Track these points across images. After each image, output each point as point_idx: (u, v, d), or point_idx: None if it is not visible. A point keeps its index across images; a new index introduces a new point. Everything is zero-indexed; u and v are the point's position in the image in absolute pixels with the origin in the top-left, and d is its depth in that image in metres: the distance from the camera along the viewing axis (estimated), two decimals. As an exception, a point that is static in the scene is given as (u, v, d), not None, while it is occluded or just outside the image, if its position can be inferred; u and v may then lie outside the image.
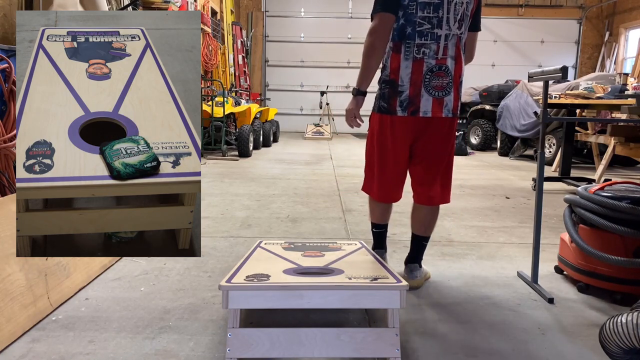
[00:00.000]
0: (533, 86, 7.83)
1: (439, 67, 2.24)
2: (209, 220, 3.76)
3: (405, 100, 2.27)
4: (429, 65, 2.24)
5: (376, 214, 2.61)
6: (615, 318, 1.67)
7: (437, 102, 2.26)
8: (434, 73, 2.24)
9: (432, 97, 2.26)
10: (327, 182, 5.63)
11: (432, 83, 2.24)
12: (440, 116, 2.28)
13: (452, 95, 2.29)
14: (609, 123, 5.62)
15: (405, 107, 2.27)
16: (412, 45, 2.23)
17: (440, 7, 2.20)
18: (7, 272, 1.93)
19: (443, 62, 2.25)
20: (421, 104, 2.26)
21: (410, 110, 2.27)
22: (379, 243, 2.64)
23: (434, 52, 2.23)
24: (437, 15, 2.20)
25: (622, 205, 2.33)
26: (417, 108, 2.27)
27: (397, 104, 2.28)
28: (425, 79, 2.24)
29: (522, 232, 3.64)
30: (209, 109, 7.62)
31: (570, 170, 5.74)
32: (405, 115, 2.28)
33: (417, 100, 2.26)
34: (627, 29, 12.86)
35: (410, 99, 2.26)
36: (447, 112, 2.29)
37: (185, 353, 1.82)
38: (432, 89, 2.25)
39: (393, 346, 1.74)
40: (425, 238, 2.56)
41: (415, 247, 2.56)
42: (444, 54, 2.24)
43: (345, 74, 13.64)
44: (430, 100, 2.26)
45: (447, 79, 2.26)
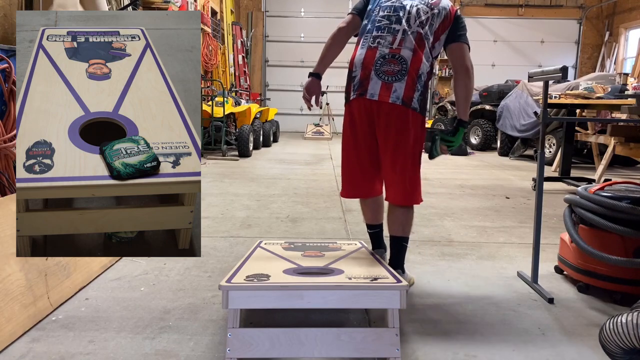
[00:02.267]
0: (533, 86, 7.83)
1: (392, 55, 2.27)
2: (209, 220, 3.76)
3: (357, 83, 2.31)
4: (382, 53, 2.28)
5: (367, 214, 2.60)
6: (615, 318, 1.67)
7: (386, 87, 2.24)
8: (386, 60, 2.27)
9: (381, 81, 2.25)
10: (327, 182, 5.63)
11: (382, 68, 2.26)
12: (387, 101, 2.24)
13: (403, 83, 2.24)
14: (609, 123, 5.62)
15: (355, 89, 2.31)
16: (369, 37, 2.33)
17: (401, 9, 2.33)
18: (7, 272, 1.93)
19: (397, 51, 2.27)
20: (369, 86, 2.26)
21: (359, 92, 2.29)
22: (377, 243, 2.63)
23: (389, 42, 2.28)
24: (397, 14, 2.32)
25: (622, 205, 2.33)
26: (365, 90, 2.27)
27: (351, 89, 2.34)
28: (376, 64, 2.27)
29: (522, 232, 3.64)
30: (209, 109, 7.62)
31: (570, 170, 5.74)
32: (355, 97, 2.31)
33: (366, 82, 2.28)
34: (627, 29, 12.86)
35: (360, 81, 2.30)
36: (395, 99, 2.23)
37: (185, 353, 1.82)
38: (382, 73, 2.26)
39: (393, 346, 1.74)
40: (404, 238, 2.45)
41: (396, 250, 2.44)
42: (399, 44, 2.28)
43: (345, 74, 13.64)
44: (379, 83, 2.25)
45: (400, 66, 2.25)
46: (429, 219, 3.96)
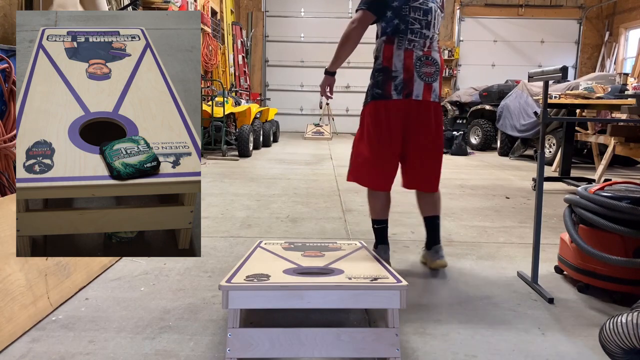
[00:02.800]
0: (533, 86, 7.82)
1: (426, 57, 2.54)
2: (209, 220, 3.76)
3: (400, 84, 2.51)
4: (417, 55, 2.52)
5: (377, 209, 2.71)
6: (615, 318, 1.67)
7: (427, 87, 2.54)
8: (423, 62, 2.53)
9: (424, 82, 2.53)
10: (327, 182, 5.63)
11: (422, 70, 2.52)
12: (429, 100, 2.55)
13: (437, 82, 2.58)
14: (609, 123, 5.61)
15: (400, 90, 2.51)
16: (404, 39, 2.51)
17: (429, 13, 2.54)
18: (7, 272, 1.93)
19: (429, 53, 2.55)
20: (414, 87, 2.51)
21: (405, 93, 2.51)
22: (382, 238, 2.73)
23: (421, 45, 2.53)
24: (426, 19, 2.53)
25: (622, 205, 2.33)
26: (411, 91, 2.51)
27: (391, 88, 2.52)
28: (416, 65, 2.51)
29: (522, 232, 3.64)
30: (209, 109, 7.62)
31: (570, 170, 5.74)
32: (401, 98, 2.52)
33: (410, 84, 2.51)
34: (627, 29, 12.86)
35: (404, 82, 2.51)
36: (434, 97, 2.57)
37: (185, 353, 1.82)
38: (423, 75, 2.52)
39: (393, 346, 1.74)
40: (437, 217, 2.75)
41: (432, 229, 2.74)
42: (429, 47, 2.56)
43: (345, 74, 13.61)
44: (422, 85, 2.52)
45: (434, 67, 2.56)
46: (429, 219, 3.96)
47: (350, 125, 13.68)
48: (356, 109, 13.67)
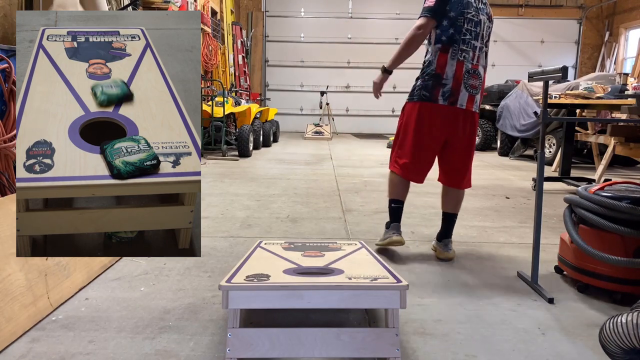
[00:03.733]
0: (533, 86, 7.82)
1: (474, 71, 2.83)
2: (209, 220, 3.76)
3: (448, 91, 2.79)
4: (467, 67, 2.80)
5: (398, 191, 3.01)
6: (615, 318, 1.67)
7: (470, 98, 2.83)
8: (470, 74, 2.81)
9: (468, 93, 2.81)
10: (327, 182, 5.63)
11: (468, 82, 2.81)
12: (471, 109, 2.85)
13: (479, 95, 2.89)
14: (609, 123, 5.62)
15: (446, 97, 2.79)
16: (457, 49, 2.77)
17: (479, 25, 2.81)
18: (7, 272, 1.93)
19: (476, 67, 2.84)
20: (459, 96, 2.80)
21: (450, 101, 2.79)
22: (396, 218, 3.04)
23: (470, 57, 2.81)
24: (476, 30, 2.80)
25: (622, 205, 2.33)
26: (456, 100, 2.80)
27: (439, 94, 2.79)
28: (464, 77, 2.79)
29: (522, 232, 3.64)
30: (209, 109, 7.62)
31: (570, 170, 5.74)
32: (446, 105, 2.80)
33: (456, 93, 2.79)
34: (627, 29, 12.86)
35: (452, 91, 2.79)
36: (475, 107, 2.87)
37: (185, 353, 1.82)
38: (469, 87, 2.81)
39: (393, 346, 1.74)
40: (455, 215, 3.06)
41: (448, 224, 3.04)
42: (477, 61, 2.84)
43: (345, 74, 13.65)
44: (467, 95, 2.81)
45: (479, 81, 2.86)
46: (429, 219, 3.96)
47: (350, 125, 13.68)
48: (356, 109, 13.71)
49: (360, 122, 13.82)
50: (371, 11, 13.51)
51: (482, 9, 2.83)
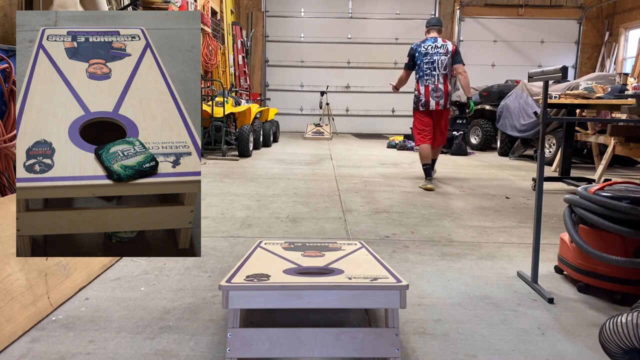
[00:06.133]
0: (533, 86, 7.82)
1: (435, 88, 5.43)
2: (209, 220, 3.76)
3: (424, 103, 5.49)
4: (432, 87, 5.43)
5: (423, 156, 5.46)
6: (615, 318, 1.67)
7: (437, 103, 5.47)
8: (435, 92, 5.43)
9: (434, 101, 5.45)
10: (327, 182, 5.63)
11: (434, 94, 5.43)
12: (439, 109, 5.49)
13: (444, 99, 5.46)
14: (609, 123, 5.61)
15: (423, 105, 5.50)
16: (424, 78, 5.47)
17: (435, 62, 5.42)
18: (7, 272, 1.93)
19: (437, 85, 5.43)
20: (430, 104, 5.47)
21: (426, 108, 5.50)
22: (429, 173, 5.40)
23: (433, 81, 5.44)
24: (433, 65, 5.44)
25: (622, 205, 2.33)
26: (429, 106, 5.48)
27: (420, 104, 5.53)
28: (431, 93, 5.42)
29: (522, 232, 3.64)
30: (209, 109, 7.62)
31: (570, 170, 5.74)
32: (424, 110, 5.51)
33: (428, 103, 5.47)
34: (627, 29, 12.86)
35: (425, 102, 5.48)
36: (441, 107, 5.48)
37: (185, 353, 1.82)
38: (434, 97, 5.44)
39: (393, 346, 1.74)
40: (436, 159, 5.82)
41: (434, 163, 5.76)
42: (437, 81, 5.42)
43: (345, 74, 13.64)
44: (434, 102, 5.46)
45: (441, 92, 5.44)
46: (429, 219, 3.97)
47: (350, 125, 13.68)
48: (356, 109, 13.72)
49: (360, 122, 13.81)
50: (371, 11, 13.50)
51: (437, 52, 5.39)
